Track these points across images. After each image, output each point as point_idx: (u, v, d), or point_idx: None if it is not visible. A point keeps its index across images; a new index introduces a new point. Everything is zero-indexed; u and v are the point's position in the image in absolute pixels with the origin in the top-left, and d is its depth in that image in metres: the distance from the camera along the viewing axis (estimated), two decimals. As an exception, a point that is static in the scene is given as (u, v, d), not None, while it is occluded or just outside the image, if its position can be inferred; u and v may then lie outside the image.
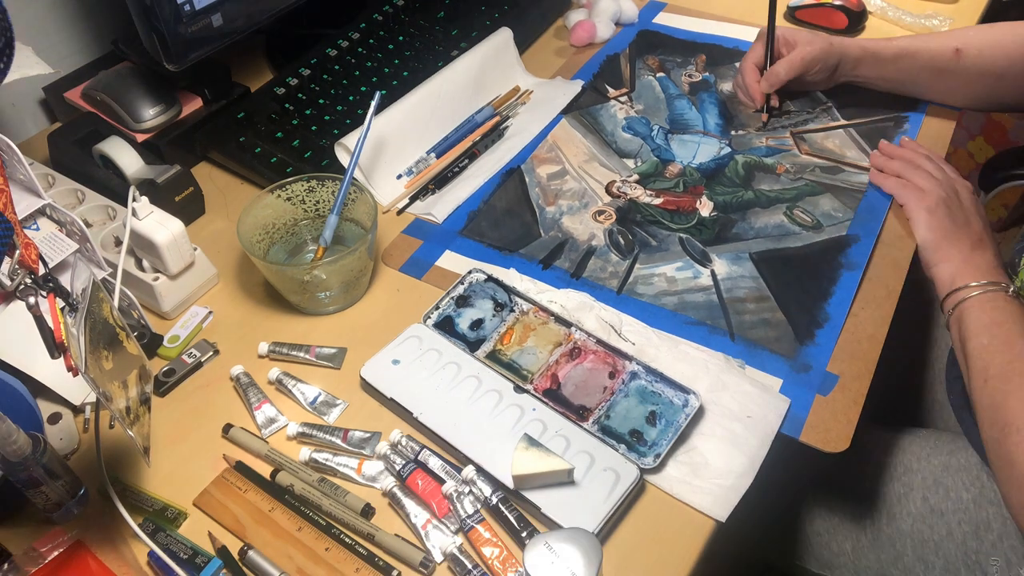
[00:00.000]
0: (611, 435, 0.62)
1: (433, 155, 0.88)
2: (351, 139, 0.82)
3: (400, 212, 0.83)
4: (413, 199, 0.84)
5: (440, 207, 0.83)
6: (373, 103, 0.77)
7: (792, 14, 1.09)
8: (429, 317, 0.71)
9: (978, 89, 0.89)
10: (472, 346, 0.69)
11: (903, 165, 0.82)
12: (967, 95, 0.91)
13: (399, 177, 0.86)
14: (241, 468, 0.62)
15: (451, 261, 0.78)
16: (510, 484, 0.59)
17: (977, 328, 0.69)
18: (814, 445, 0.63)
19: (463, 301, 0.73)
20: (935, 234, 0.76)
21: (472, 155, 0.89)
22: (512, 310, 0.72)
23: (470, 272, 0.74)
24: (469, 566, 0.55)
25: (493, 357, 0.69)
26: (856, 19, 1.06)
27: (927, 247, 0.76)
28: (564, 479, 0.59)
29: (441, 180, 0.86)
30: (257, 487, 0.60)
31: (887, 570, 0.79)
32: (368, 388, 0.67)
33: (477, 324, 0.71)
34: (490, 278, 0.74)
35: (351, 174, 0.73)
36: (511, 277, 0.75)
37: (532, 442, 0.59)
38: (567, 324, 0.70)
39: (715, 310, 0.73)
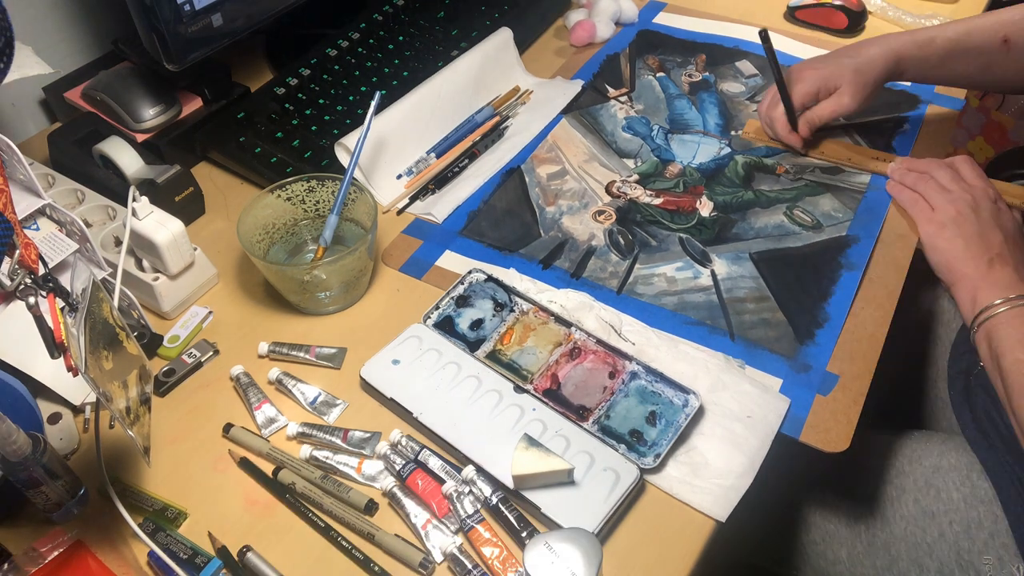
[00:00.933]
0: (611, 435, 0.62)
1: (433, 155, 0.88)
2: (351, 139, 0.82)
3: (400, 212, 0.83)
4: (413, 199, 0.84)
5: (440, 207, 0.83)
6: (373, 103, 0.77)
7: (792, 14, 1.09)
8: (429, 317, 0.71)
9: None
10: (472, 346, 0.69)
11: (917, 177, 0.80)
12: (1020, 81, 0.86)
13: (399, 177, 0.86)
14: (245, 464, 0.62)
15: (451, 261, 0.78)
16: (510, 484, 0.59)
17: (1010, 344, 0.66)
18: (814, 445, 0.63)
19: (463, 301, 0.73)
20: (944, 256, 0.73)
21: (472, 155, 0.89)
22: (512, 310, 0.72)
23: (470, 272, 0.74)
24: (469, 566, 0.55)
25: (493, 357, 0.69)
26: (856, 19, 1.06)
27: (939, 269, 0.74)
28: (564, 479, 0.59)
29: (441, 180, 0.86)
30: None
31: None
32: (368, 388, 0.67)
33: (477, 324, 0.71)
34: (490, 278, 0.74)
35: (351, 174, 0.73)
36: (511, 277, 0.75)
37: (532, 442, 0.59)
38: (567, 324, 0.70)
39: (715, 310, 0.73)
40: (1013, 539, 0.71)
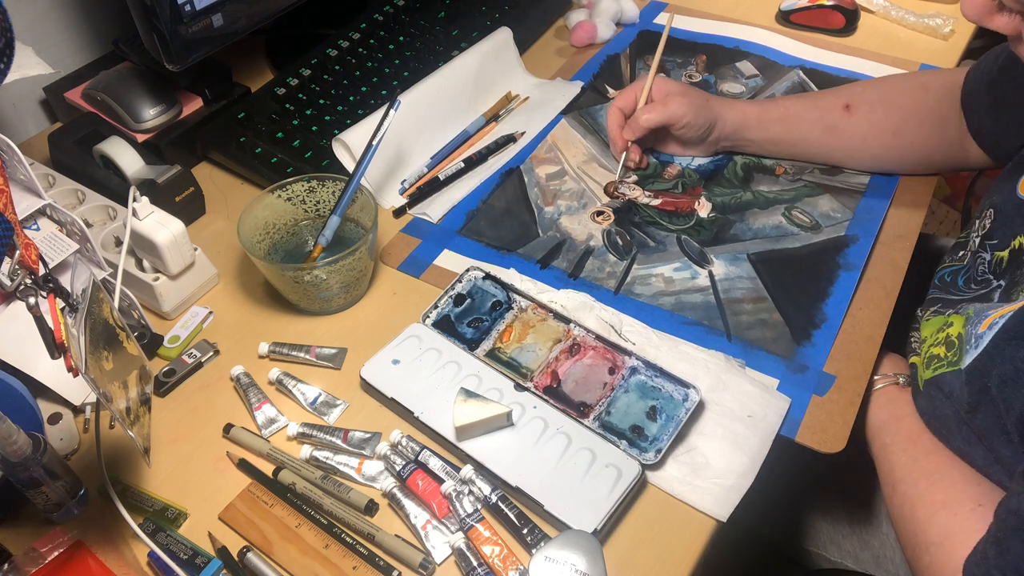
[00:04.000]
0: (612, 431, 0.62)
1: (426, 168, 0.87)
2: (350, 136, 0.82)
3: (398, 215, 0.83)
4: (412, 201, 0.84)
5: (435, 207, 0.83)
6: (393, 111, 0.75)
7: (786, 18, 1.08)
8: (428, 316, 0.71)
9: (874, 146, 0.82)
10: (471, 345, 0.69)
11: None
12: (864, 152, 0.83)
13: (401, 191, 0.86)
14: (244, 466, 0.62)
15: (449, 260, 0.78)
16: (512, 482, 0.59)
17: (877, 427, 0.68)
18: (810, 446, 0.63)
19: (461, 299, 0.73)
20: None
21: (471, 160, 0.88)
22: (511, 307, 0.72)
23: (468, 270, 0.75)
24: (475, 563, 0.55)
25: (493, 355, 0.69)
26: (852, 17, 1.06)
27: None
28: (504, 423, 0.61)
29: (439, 183, 0.86)
30: (282, 501, 0.60)
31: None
32: (368, 388, 0.67)
33: (476, 322, 0.71)
34: (488, 276, 0.74)
35: (358, 179, 0.72)
36: (511, 277, 0.75)
37: (469, 394, 0.62)
38: (566, 320, 0.70)
39: (712, 310, 0.73)
40: None
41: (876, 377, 0.70)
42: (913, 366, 0.68)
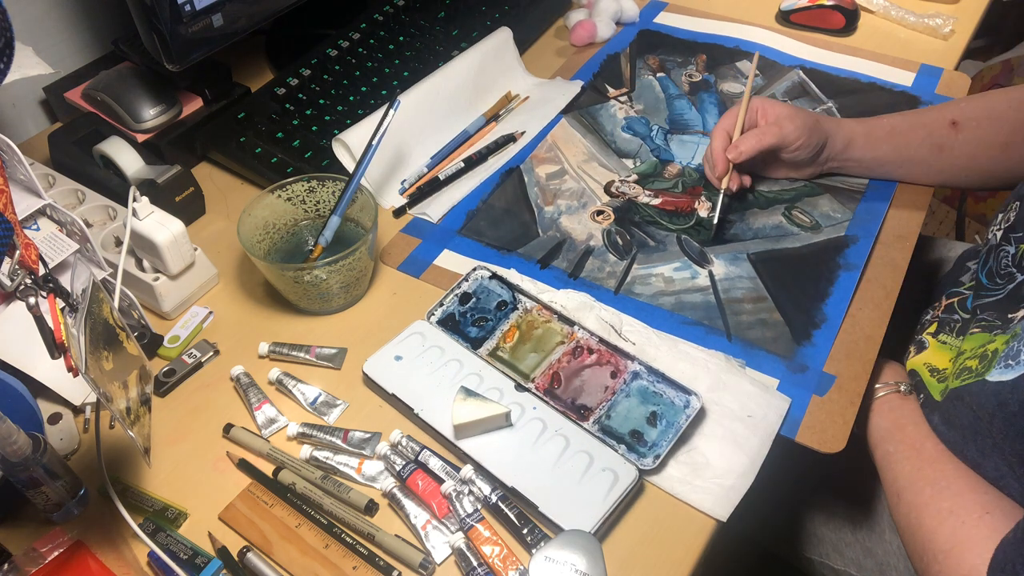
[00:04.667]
0: (611, 435, 0.62)
1: (426, 168, 0.87)
2: (350, 136, 0.82)
3: (397, 215, 0.83)
4: (412, 201, 0.84)
5: (435, 207, 0.83)
6: (393, 111, 0.75)
7: (786, 18, 1.08)
8: (433, 314, 0.71)
9: (983, 162, 0.81)
10: (475, 343, 0.69)
11: None
12: (972, 170, 0.82)
13: (401, 190, 0.86)
14: (244, 466, 0.62)
15: (449, 260, 0.78)
16: (509, 482, 0.59)
17: (880, 436, 0.68)
18: (810, 446, 0.63)
19: (467, 298, 0.73)
20: None
21: (471, 160, 0.88)
22: (515, 308, 0.72)
23: (475, 269, 0.75)
24: (475, 563, 0.55)
25: (495, 355, 0.69)
26: (852, 17, 1.06)
27: None
28: (503, 423, 0.62)
29: (439, 183, 0.86)
30: (282, 501, 0.60)
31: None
32: (370, 383, 0.67)
33: (481, 321, 0.71)
34: (495, 275, 0.74)
35: (359, 178, 0.72)
36: (511, 277, 0.75)
37: (469, 393, 0.62)
38: (570, 323, 0.70)
39: (712, 310, 0.73)
40: None
41: (877, 385, 0.70)
42: (913, 372, 0.68)
